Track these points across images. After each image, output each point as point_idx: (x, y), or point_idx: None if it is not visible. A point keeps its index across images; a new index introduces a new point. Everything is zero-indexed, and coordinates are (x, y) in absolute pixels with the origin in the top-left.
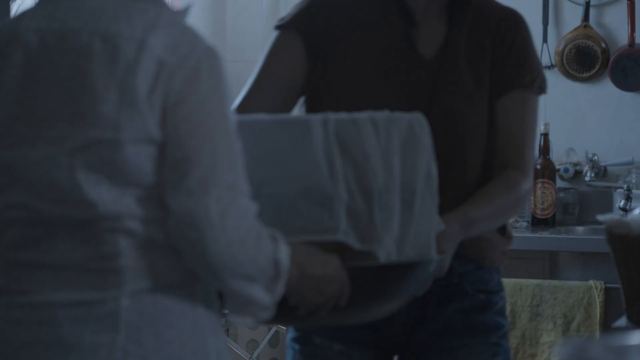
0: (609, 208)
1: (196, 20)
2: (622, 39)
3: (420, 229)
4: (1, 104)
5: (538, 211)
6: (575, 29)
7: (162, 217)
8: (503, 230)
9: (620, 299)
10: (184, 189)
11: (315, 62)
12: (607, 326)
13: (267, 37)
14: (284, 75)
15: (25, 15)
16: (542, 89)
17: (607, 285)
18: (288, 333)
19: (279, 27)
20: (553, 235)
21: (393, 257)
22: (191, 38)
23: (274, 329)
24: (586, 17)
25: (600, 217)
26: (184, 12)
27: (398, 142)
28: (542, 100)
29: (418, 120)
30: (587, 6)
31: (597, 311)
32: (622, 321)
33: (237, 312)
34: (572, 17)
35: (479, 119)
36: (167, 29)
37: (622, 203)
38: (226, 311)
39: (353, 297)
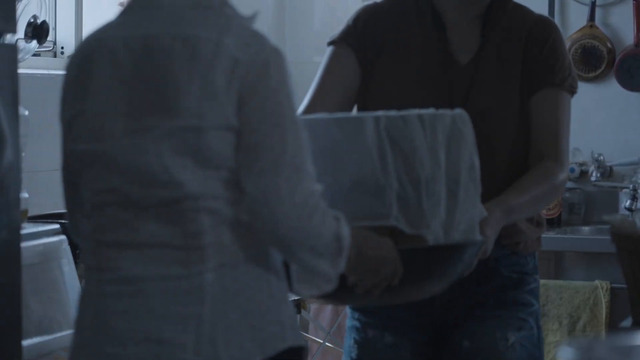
0: (614, 208)
1: None
2: (628, 39)
3: (464, 215)
4: (91, 103)
5: (544, 211)
6: (581, 29)
7: (240, 197)
8: (537, 218)
9: (626, 299)
10: (257, 170)
11: (365, 70)
12: (613, 326)
13: (270, 37)
14: (342, 83)
15: (109, 25)
16: (573, 88)
17: (613, 285)
18: (347, 321)
19: (332, 43)
20: (559, 235)
21: (440, 240)
22: (260, 39)
23: None
24: (592, 17)
25: (606, 217)
26: (252, 18)
27: (443, 137)
28: None
29: (461, 117)
30: (593, 6)
31: (603, 311)
32: (628, 321)
33: (304, 283)
34: (577, 17)
35: (509, 117)
36: (238, 31)
37: (627, 203)
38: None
39: (404, 278)
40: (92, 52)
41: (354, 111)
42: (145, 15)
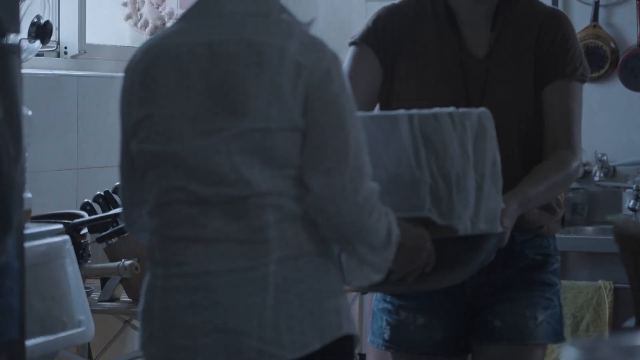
0: (618, 208)
1: None
2: (632, 38)
3: (489, 207)
4: (158, 107)
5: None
6: (585, 28)
7: (302, 194)
8: (557, 202)
9: (630, 299)
10: (323, 170)
11: (386, 70)
12: (616, 326)
13: None
14: (366, 83)
15: (169, 32)
16: (584, 77)
17: (616, 285)
18: (374, 303)
19: (353, 44)
20: (562, 236)
21: (469, 230)
22: (320, 45)
23: None
24: (595, 17)
25: (609, 217)
26: (310, 24)
27: (471, 133)
28: None
29: (485, 114)
30: (597, 6)
31: (606, 311)
32: (631, 321)
33: (356, 274)
34: (581, 17)
35: (523, 109)
36: (300, 37)
37: (631, 203)
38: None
39: (435, 265)
40: (156, 58)
41: (376, 109)
42: (206, 23)
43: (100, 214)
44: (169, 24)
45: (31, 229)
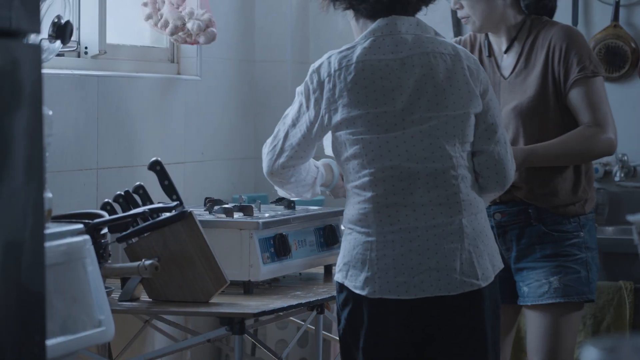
0: (638, 208)
1: (225, 21)
2: None
3: None
4: (371, 106)
5: None
6: (605, 28)
7: (471, 165)
8: (584, 188)
9: None
10: (494, 142)
11: None
12: (636, 326)
13: (295, 38)
14: None
15: (363, 50)
16: (596, 71)
17: (637, 285)
18: None
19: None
20: None
21: None
22: (470, 53)
23: (303, 328)
24: (616, 16)
25: (630, 217)
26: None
27: None
28: None
29: None
30: (617, 6)
31: (627, 311)
32: None
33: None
34: (601, 17)
35: (539, 112)
36: (456, 47)
37: None
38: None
39: None
40: (359, 70)
41: None
42: (393, 45)
43: (121, 214)
44: (189, 24)
45: (51, 228)
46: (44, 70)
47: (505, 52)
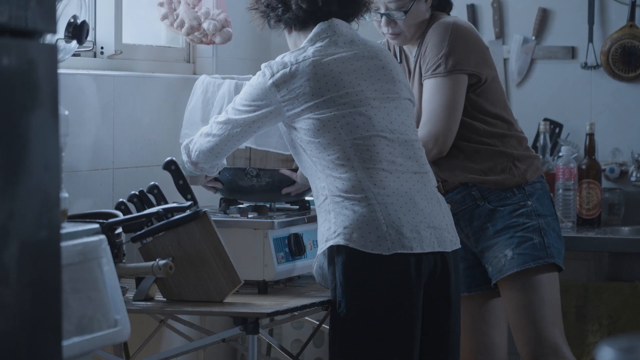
0: None
1: (241, 20)
2: None
3: None
4: (350, 88)
5: (583, 211)
6: (621, 28)
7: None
8: (511, 161)
9: None
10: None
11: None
12: None
13: None
14: None
15: (332, 49)
16: (436, 73)
17: None
18: None
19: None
20: (598, 236)
21: None
22: None
23: (318, 328)
24: (632, 16)
25: None
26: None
27: None
28: (588, 100)
29: None
30: (633, 6)
31: None
32: None
33: None
34: (617, 17)
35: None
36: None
37: None
38: None
39: None
40: (330, 64)
41: None
42: (343, 43)
43: (135, 214)
44: (205, 24)
45: (67, 228)
46: (60, 71)
47: (415, 56)
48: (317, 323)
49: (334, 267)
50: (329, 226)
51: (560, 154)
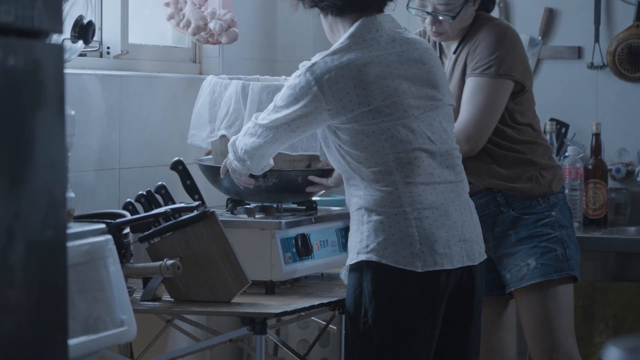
0: None
1: (247, 20)
2: None
3: None
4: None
5: (590, 211)
6: (628, 28)
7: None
8: (539, 170)
9: None
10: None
11: None
12: None
13: (317, 37)
14: None
15: (362, 50)
16: (487, 71)
17: None
18: None
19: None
20: (605, 236)
21: None
22: None
23: (324, 328)
24: (638, 16)
25: None
26: None
27: None
28: (594, 100)
29: None
30: (639, 6)
31: None
32: None
33: None
34: (624, 17)
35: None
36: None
37: None
38: None
39: None
40: (375, 68)
41: None
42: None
43: (143, 214)
44: (211, 24)
45: (73, 228)
46: (66, 70)
47: (454, 52)
48: (324, 323)
49: (362, 274)
50: (361, 238)
51: (567, 154)
